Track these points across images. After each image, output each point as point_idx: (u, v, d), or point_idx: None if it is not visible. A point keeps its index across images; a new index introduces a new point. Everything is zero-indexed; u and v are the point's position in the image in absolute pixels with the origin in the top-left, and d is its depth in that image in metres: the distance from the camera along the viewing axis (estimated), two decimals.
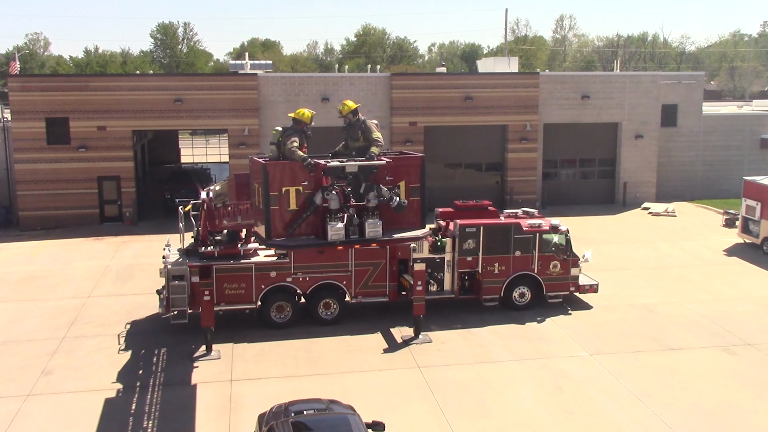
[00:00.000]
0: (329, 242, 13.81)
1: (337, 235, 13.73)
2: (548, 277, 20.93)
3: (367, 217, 13.97)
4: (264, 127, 34.24)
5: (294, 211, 13.79)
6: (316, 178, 13.85)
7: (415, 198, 14.57)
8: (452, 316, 20.49)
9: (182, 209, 20.10)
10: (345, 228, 13.81)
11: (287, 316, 19.51)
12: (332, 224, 13.71)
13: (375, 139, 14.39)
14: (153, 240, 29.43)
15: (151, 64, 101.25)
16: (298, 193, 13.82)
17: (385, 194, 13.88)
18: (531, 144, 36.45)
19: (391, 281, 19.99)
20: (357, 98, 34.49)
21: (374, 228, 13.97)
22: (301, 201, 13.81)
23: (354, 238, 14.02)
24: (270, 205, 13.63)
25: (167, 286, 18.59)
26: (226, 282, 18.97)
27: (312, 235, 13.94)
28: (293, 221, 13.75)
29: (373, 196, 13.90)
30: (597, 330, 19.63)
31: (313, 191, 13.81)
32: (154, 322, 20.06)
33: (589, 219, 34.15)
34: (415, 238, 15.07)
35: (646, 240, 30.36)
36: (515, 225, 20.70)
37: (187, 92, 33.38)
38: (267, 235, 13.75)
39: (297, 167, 13.89)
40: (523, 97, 36.00)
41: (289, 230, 13.78)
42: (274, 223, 13.67)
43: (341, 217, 13.84)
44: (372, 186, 13.92)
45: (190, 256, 19.26)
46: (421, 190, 14.68)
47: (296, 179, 13.82)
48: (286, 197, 13.74)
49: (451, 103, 35.40)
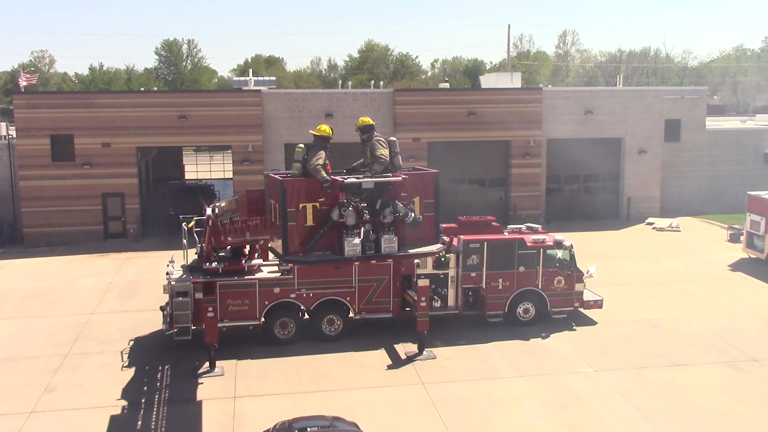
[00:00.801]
0: (346, 258, 13.92)
1: (353, 251, 13.85)
2: (552, 293, 20.89)
3: (382, 232, 14.08)
4: (267, 143, 34.36)
5: (311, 227, 13.90)
6: (333, 195, 13.96)
7: (430, 214, 14.73)
8: (456, 332, 20.45)
9: (186, 225, 20.14)
10: (361, 243, 13.91)
11: (291, 332, 19.49)
12: (349, 240, 13.83)
13: (378, 156, 14.50)
14: (157, 256, 29.46)
15: (156, 80, 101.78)
16: (315, 209, 13.94)
17: (400, 210, 14.01)
18: (534, 159, 36.49)
19: (394, 297, 19.98)
20: (360, 114, 34.48)
21: (390, 244, 14.11)
22: (317, 217, 13.92)
23: (370, 254, 14.14)
24: (287, 221, 13.75)
25: (171, 303, 18.60)
26: (229, 298, 18.98)
27: (328, 251, 14.05)
28: (310, 237, 13.86)
29: (389, 212, 14.05)
30: (602, 346, 19.56)
31: (330, 207, 13.93)
32: (157, 338, 20.05)
33: (593, 234, 34.12)
34: (430, 254, 15.24)
35: (651, 255, 30.30)
36: (519, 240, 20.69)
37: (191, 109, 33.54)
38: (284, 251, 13.86)
39: (314, 183, 14.03)
40: (526, 112, 36.10)
41: (306, 246, 13.88)
42: (291, 239, 13.80)
43: (358, 232, 13.94)
44: (388, 202, 14.07)
45: (193, 272, 19.28)
46: (435, 206, 14.86)
47: (313, 195, 13.96)
48: (303, 213, 13.88)
49: (454, 119, 35.50)
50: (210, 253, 19.16)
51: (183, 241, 20.15)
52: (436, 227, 14.91)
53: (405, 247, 14.33)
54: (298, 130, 34.54)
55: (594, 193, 38.64)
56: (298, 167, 14.56)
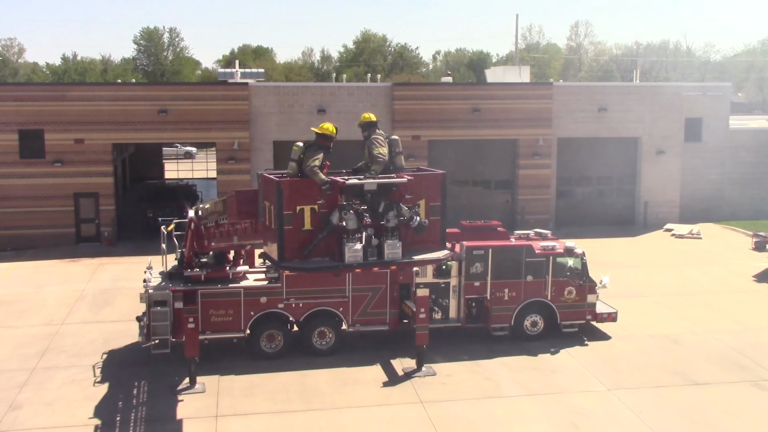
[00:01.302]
0: (346, 264, 13.89)
1: (354, 257, 13.83)
2: (563, 305, 20.94)
3: (386, 237, 14.04)
4: (255, 140, 34.40)
5: (309, 232, 13.87)
6: (333, 197, 13.93)
7: (436, 217, 14.71)
8: (458, 347, 20.47)
9: (165, 229, 20.16)
10: (363, 249, 13.87)
11: (278, 345, 19.50)
12: (349, 245, 13.81)
13: (375, 155, 14.50)
14: (133, 262, 29.46)
15: (134, 72, 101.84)
16: (314, 212, 13.91)
17: (405, 213, 13.98)
18: (544, 160, 36.57)
19: (391, 308, 20.00)
20: (356, 110, 34.67)
21: (394, 249, 14.09)
22: (316, 221, 13.89)
23: (372, 261, 14.09)
24: (283, 224, 13.73)
25: (148, 313, 18.60)
26: (212, 308, 18.99)
27: (327, 257, 14.01)
28: (308, 242, 13.83)
29: (393, 216, 14.00)
30: (615, 362, 19.60)
31: (330, 210, 13.90)
32: (133, 351, 20.03)
33: (607, 241, 34.18)
34: (437, 261, 15.24)
35: (669, 264, 30.35)
36: (527, 247, 20.74)
37: (172, 102, 33.57)
38: (280, 256, 13.86)
39: (312, 185, 14.00)
40: (535, 109, 36.20)
41: (303, 252, 13.85)
42: (287, 244, 13.76)
43: (359, 237, 13.91)
44: (392, 205, 14.03)
45: (173, 279, 19.28)
46: (442, 209, 14.85)
47: (311, 198, 13.92)
48: (300, 217, 13.87)
49: (457, 116, 35.58)
50: (191, 259, 19.15)
51: (162, 245, 20.15)
52: (443, 232, 14.91)
53: (409, 253, 14.33)
54: (288, 126, 34.61)
55: (608, 196, 38.72)
56: (293, 167, 14.55)
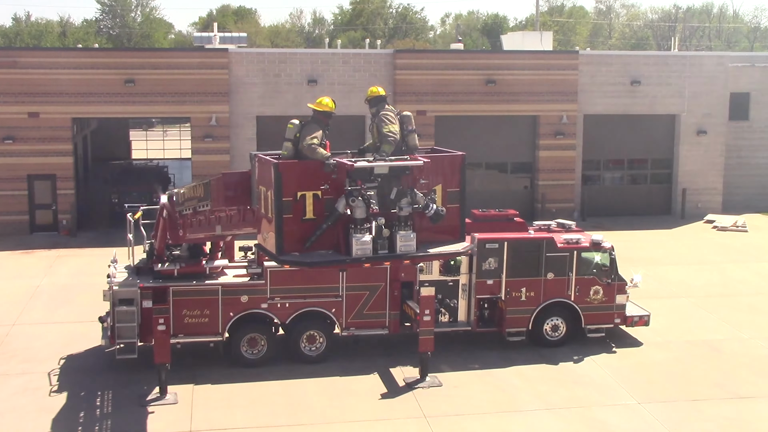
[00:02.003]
0: (353, 258, 13.90)
1: (362, 250, 13.84)
2: (588, 306, 20.94)
3: (398, 228, 14.07)
4: (236, 115, 34.33)
5: (311, 221, 13.89)
6: (338, 182, 13.93)
7: (454, 205, 14.76)
8: (468, 354, 20.49)
9: (132, 217, 20.12)
10: (372, 241, 13.89)
11: (261, 351, 19.51)
12: (357, 237, 13.83)
13: (385, 134, 14.52)
14: (95, 254, 29.45)
15: (97, 36, 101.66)
16: (317, 198, 13.93)
17: (419, 201, 14.01)
18: (568, 140, 36.53)
19: (391, 309, 19.99)
20: (352, 80, 34.65)
21: (407, 242, 14.11)
22: (319, 209, 13.92)
23: (383, 254, 14.12)
24: (282, 213, 13.73)
25: (112, 312, 18.62)
26: (185, 308, 18.99)
27: (331, 250, 14.04)
28: (310, 233, 13.86)
29: (406, 203, 14.02)
30: (648, 372, 19.63)
31: (335, 197, 13.92)
32: (95, 356, 20.05)
33: (639, 234, 34.18)
34: (456, 254, 15.32)
35: (711, 261, 30.35)
36: (547, 240, 20.72)
37: (140, 72, 33.49)
38: (278, 249, 13.85)
39: (316, 168, 14.01)
40: (558, 81, 36.12)
41: (305, 244, 13.88)
42: (287, 235, 13.77)
43: (368, 228, 13.94)
44: (405, 191, 14.04)
45: (141, 275, 19.26)
46: (461, 196, 14.91)
47: (314, 182, 13.96)
48: (301, 204, 13.89)
49: (469, 88, 35.50)
50: (162, 252, 19.09)
51: (128, 235, 20.13)
52: (462, 222, 14.96)
53: (424, 245, 14.36)
54: (273, 99, 34.54)
55: (641, 182, 38.72)
56: (288, 147, 14.56)
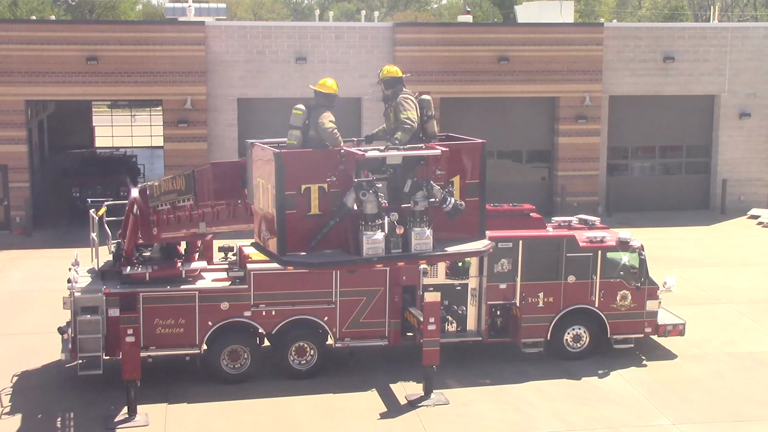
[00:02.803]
0: (364, 259, 14.02)
1: (374, 249, 13.96)
2: (614, 313, 21.00)
3: (412, 224, 14.21)
4: (214, 97, 34.32)
5: (316, 217, 14.02)
6: (347, 174, 14.07)
7: (473, 198, 14.89)
8: (478, 367, 20.57)
9: (95, 213, 20.14)
10: (385, 240, 14.02)
11: (244, 365, 19.57)
12: (368, 235, 13.95)
13: (402, 120, 14.66)
14: (54, 256, 29.43)
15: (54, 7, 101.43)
16: (323, 192, 14.05)
17: (436, 194, 14.14)
18: (591, 125, 36.53)
19: (392, 317, 20.05)
20: (346, 58, 34.66)
21: (422, 240, 14.23)
22: (325, 203, 14.05)
23: (396, 254, 14.26)
24: (285, 208, 13.84)
25: (74, 323, 18.61)
26: (158, 316, 19.01)
27: (339, 249, 14.17)
28: (316, 231, 14.00)
29: (422, 197, 14.14)
30: (683, 389, 19.70)
31: (343, 190, 14.04)
32: (54, 372, 20.07)
33: (673, 231, 34.21)
34: (476, 253, 15.43)
35: (755, 262, 30.39)
36: (568, 239, 20.79)
37: (104, 48, 33.46)
38: (280, 249, 13.95)
39: (322, 158, 14.12)
40: (580, 58, 36.12)
41: (310, 243, 14.01)
42: (290, 232, 13.89)
43: (380, 224, 14.06)
44: (421, 183, 14.16)
45: (106, 279, 19.31)
46: (481, 189, 15.04)
47: (320, 174, 14.05)
48: (306, 198, 14.00)
49: (478, 66, 35.50)
50: (132, 253, 19.14)
51: (91, 235, 20.16)
52: (482, 217, 15.10)
53: (440, 243, 14.48)
54: (257, 79, 34.54)
55: (675, 172, 38.75)
56: (296, 135, 14.71)
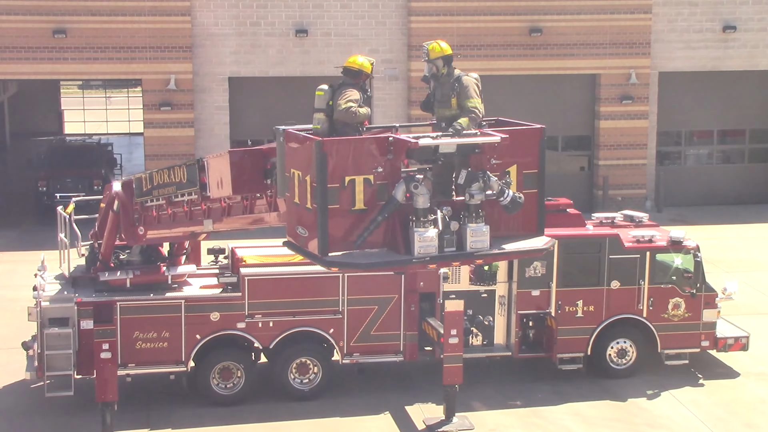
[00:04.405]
0: (416, 259, 14.13)
1: (426, 248, 14.06)
2: (666, 324, 20.96)
3: (468, 219, 14.32)
4: (201, 76, 34.30)
5: (361, 213, 14.12)
6: (395, 164, 14.20)
7: (531, 190, 15.01)
8: (508, 387, 20.58)
9: (64, 211, 20.17)
10: (439, 237, 14.14)
11: (238, 384, 19.59)
12: (419, 232, 14.06)
13: (470, 108, 14.81)
14: (16, 259, 29.52)
15: None
16: (368, 184, 14.14)
17: (494, 186, 14.24)
18: (638, 106, 36.42)
19: (407, 329, 20.06)
20: (353, 31, 34.62)
21: (479, 237, 14.36)
22: (371, 197, 14.14)
23: (450, 253, 14.39)
24: (327, 203, 13.94)
25: (40, 337, 18.64)
26: (138, 329, 19.03)
27: (384, 248, 14.29)
28: (361, 228, 14.09)
29: (478, 189, 14.24)
30: (746, 413, 19.66)
31: (390, 182, 14.13)
32: (18, 394, 20.12)
33: (734, 229, 34.10)
34: (537, 251, 15.47)
35: None
36: (611, 238, 20.77)
37: (73, 19, 33.51)
38: (322, 249, 14.05)
39: (367, 146, 14.22)
40: (625, 29, 35.99)
41: (355, 241, 14.11)
42: (333, 230, 14.00)
43: (432, 220, 14.17)
44: (476, 174, 14.27)
45: (78, 286, 19.35)
46: (539, 180, 15.17)
47: (366, 164, 14.16)
48: (350, 191, 14.09)
49: (507, 40, 35.41)
50: (110, 256, 19.20)
51: (60, 235, 20.21)
52: (541, 211, 15.26)
53: (496, 241, 14.57)
54: (251, 55, 34.49)
55: (736, 161, 38.63)
56: (321, 119, 14.85)
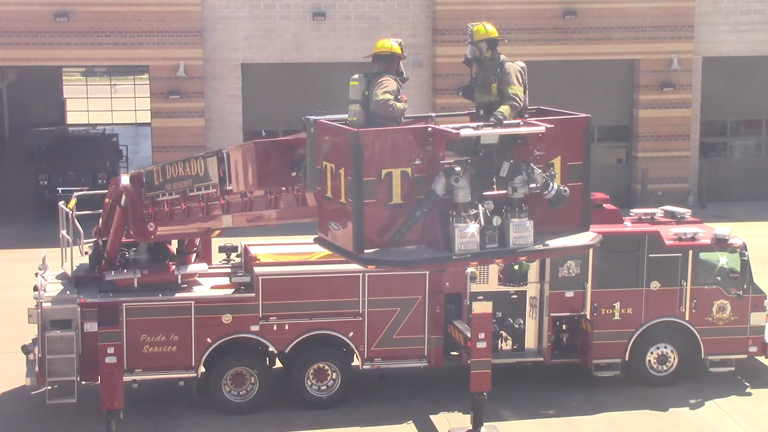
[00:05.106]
0: (457, 256, 14.17)
1: (467, 245, 14.09)
2: (710, 328, 20.90)
3: (510, 214, 14.40)
4: (212, 62, 34.35)
5: (398, 207, 14.17)
6: (434, 155, 14.26)
7: (576, 183, 15.06)
8: (539, 395, 20.58)
9: (66, 206, 20.23)
10: (480, 233, 14.20)
11: (251, 391, 19.64)
12: (460, 227, 14.11)
13: (511, 95, 14.87)
14: (16, 258, 29.64)
15: None
16: (405, 177, 14.18)
17: (537, 179, 14.28)
18: (680, 93, 36.32)
19: (432, 333, 20.06)
20: (374, 14, 34.61)
21: (523, 232, 14.40)
22: (408, 191, 14.19)
23: (493, 249, 14.44)
24: (363, 197, 14.00)
25: (41, 340, 18.71)
26: (145, 332, 19.08)
27: (422, 245, 14.38)
28: (398, 223, 14.15)
29: (521, 182, 14.29)
30: None
31: (429, 175, 14.18)
32: (17, 400, 20.20)
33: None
34: (583, 247, 15.60)
35: None
36: (651, 236, 20.73)
37: (77, 1, 33.58)
38: (357, 245, 14.10)
39: (405, 138, 14.27)
40: (666, 10, 35.89)
41: (393, 237, 14.16)
42: (369, 225, 14.05)
43: (473, 215, 14.21)
44: (520, 166, 14.32)
45: (82, 286, 19.40)
46: (585, 172, 15.22)
47: (403, 156, 14.22)
48: (386, 185, 14.15)
49: (538, 23, 35.38)
50: (116, 254, 19.25)
51: (62, 232, 20.27)
52: (586, 205, 15.33)
53: (540, 237, 14.60)
54: (266, 40, 34.53)
55: None
56: (356, 111, 14.90)
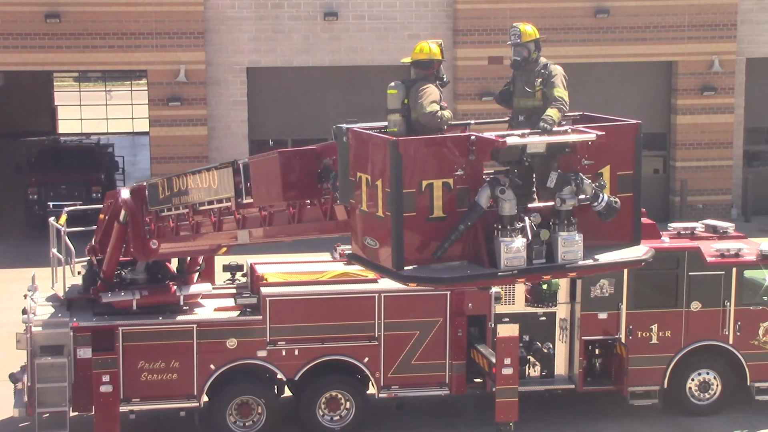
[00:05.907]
0: (502, 272, 14.22)
1: (513, 260, 14.12)
2: (756, 353, 20.86)
3: (558, 227, 14.43)
4: (215, 66, 34.41)
5: (439, 221, 14.19)
6: (477, 165, 14.27)
7: (626, 194, 15.15)
8: (570, 425, 20.60)
9: (56, 222, 20.26)
10: (527, 248, 14.21)
11: (258, 422, 19.66)
12: (506, 242, 14.14)
13: (557, 97, 15.03)
14: (4, 278, 29.70)
15: None
16: (447, 189, 14.21)
17: (587, 189, 14.30)
18: (722, 98, 36.26)
19: (454, 358, 20.06)
20: (391, 14, 34.68)
21: (571, 247, 14.46)
22: (450, 203, 14.21)
23: (540, 265, 14.48)
24: (402, 210, 14.03)
25: (30, 367, 18.76)
26: (143, 358, 19.11)
27: (465, 261, 14.39)
28: (441, 238, 14.16)
29: (570, 193, 14.31)
30: None
31: (472, 186, 14.19)
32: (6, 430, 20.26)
33: None
34: (635, 262, 15.60)
35: None
36: (691, 252, 20.69)
37: (69, 1, 33.69)
38: (396, 262, 14.13)
39: (446, 147, 14.33)
40: (707, 8, 35.87)
41: (435, 253, 14.19)
42: (408, 241, 14.07)
43: (519, 228, 14.22)
44: (568, 176, 14.37)
45: (75, 309, 19.43)
46: (635, 182, 15.39)
47: (445, 167, 14.26)
48: (427, 197, 14.19)
49: (567, 22, 35.38)
50: (113, 274, 19.28)
51: (52, 250, 20.32)
52: (637, 217, 15.38)
53: (589, 251, 14.63)
54: (273, 42, 34.58)
55: None
56: (397, 121, 14.99)
